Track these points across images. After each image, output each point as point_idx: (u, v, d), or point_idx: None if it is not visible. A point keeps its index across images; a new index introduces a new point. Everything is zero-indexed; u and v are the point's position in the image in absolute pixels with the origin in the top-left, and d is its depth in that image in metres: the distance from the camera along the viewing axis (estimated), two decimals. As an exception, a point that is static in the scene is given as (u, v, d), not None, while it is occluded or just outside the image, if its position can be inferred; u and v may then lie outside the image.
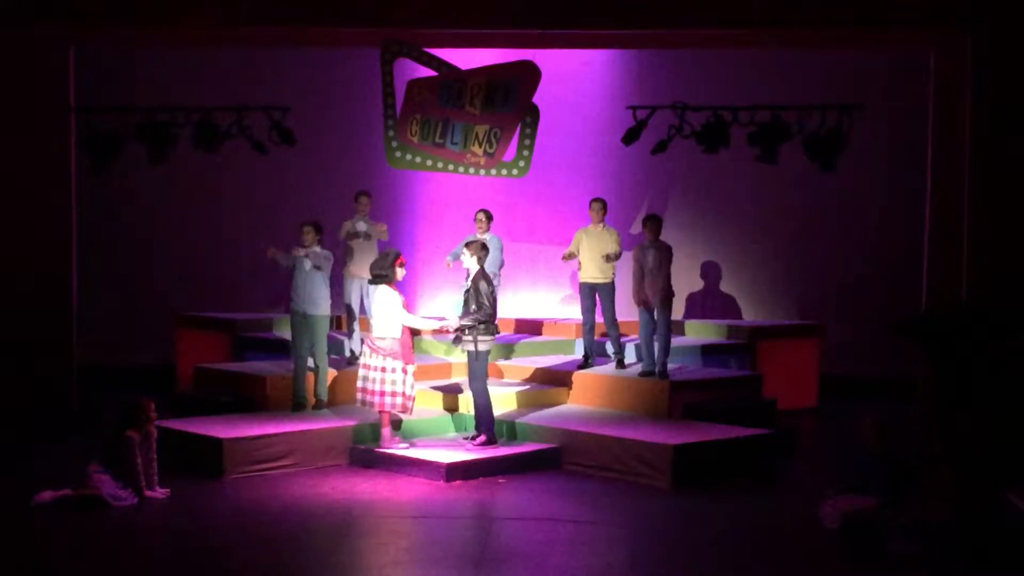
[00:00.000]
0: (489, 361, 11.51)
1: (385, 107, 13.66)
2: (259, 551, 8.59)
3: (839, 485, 9.17)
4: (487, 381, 11.31)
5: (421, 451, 11.05)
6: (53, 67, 14.29)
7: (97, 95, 14.38)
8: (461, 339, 11.04)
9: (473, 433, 11.40)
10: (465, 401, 12.01)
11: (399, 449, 11.08)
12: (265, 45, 15.07)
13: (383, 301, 11.13)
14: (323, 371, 12.31)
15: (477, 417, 11.32)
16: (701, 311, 15.56)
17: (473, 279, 11.23)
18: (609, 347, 13.30)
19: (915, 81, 14.61)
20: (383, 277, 11.14)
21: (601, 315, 13.10)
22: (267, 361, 13.49)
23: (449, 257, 13.64)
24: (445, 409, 12.34)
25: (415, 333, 13.69)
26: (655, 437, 10.90)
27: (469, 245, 11.42)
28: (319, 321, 12.30)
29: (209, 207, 15.93)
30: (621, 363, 12.99)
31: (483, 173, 13.54)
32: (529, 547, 8.64)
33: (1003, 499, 8.61)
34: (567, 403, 12.76)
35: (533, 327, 15.04)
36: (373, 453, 11.14)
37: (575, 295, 15.67)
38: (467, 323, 11.12)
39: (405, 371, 11.06)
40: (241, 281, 15.77)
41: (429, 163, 13.65)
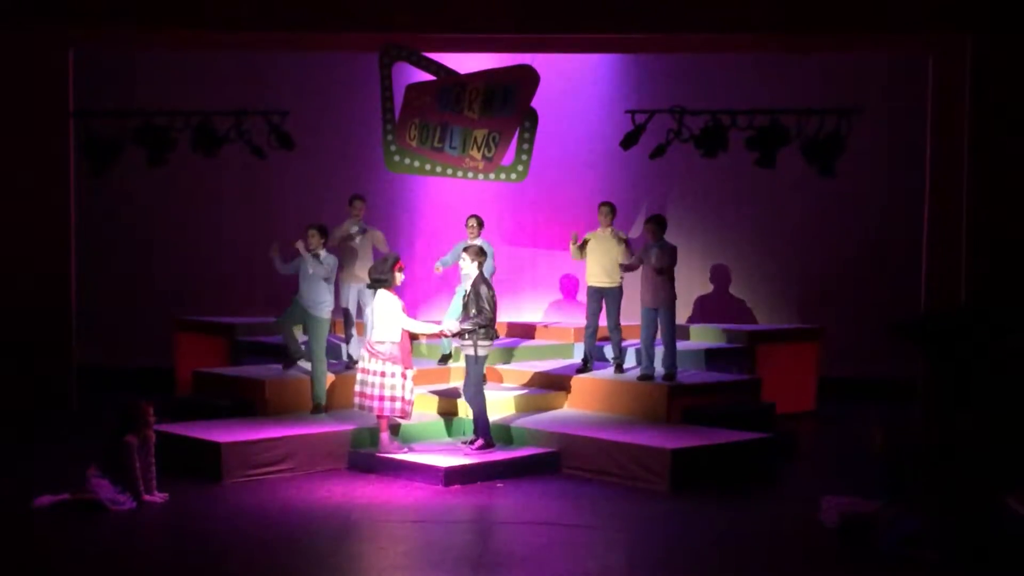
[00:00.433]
0: (488, 365, 11.49)
1: (384, 111, 13.66)
2: (258, 555, 8.59)
3: (844, 488, 9.15)
4: (484, 385, 11.30)
5: (419, 455, 11.05)
6: (52, 70, 14.31)
7: (96, 98, 14.40)
8: (447, 360, 10.97)
9: (471, 437, 11.40)
10: (463, 406, 12.01)
11: (398, 453, 11.09)
12: (264, 49, 15.09)
13: (383, 305, 11.12)
14: (320, 373, 12.30)
15: (475, 422, 11.32)
16: (700, 315, 15.57)
17: (473, 284, 11.22)
18: (608, 351, 13.30)
19: (914, 84, 14.62)
20: (383, 281, 11.13)
21: (605, 319, 13.08)
22: (266, 365, 13.49)
23: (439, 263, 13.57)
24: (443, 414, 12.33)
25: (414, 337, 13.70)
26: (654, 441, 10.90)
27: (468, 250, 11.42)
28: (318, 323, 12.30)
29: (208, 211, 15.95)
30: (620, 367, 12.98)
31: (482, 177, 13.53)
32: (527, 551, 8.64)
33: (1003, 503, 8.61)
34: (566, 407, 12.76)
35: (526, 331, 15.04)
36: (372, 457, 11.14)
37: (565, 299, 15.69)
38: (467, 327, 11.12)
39: (404, 375, 11.05)
40: (240, 285, 15.78)
41: (428, 167, 13.64)
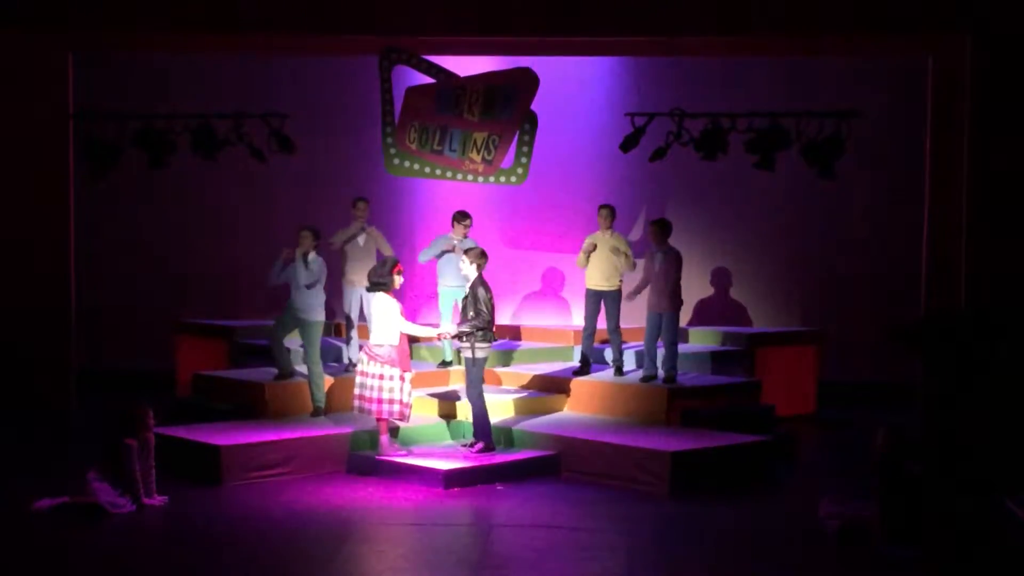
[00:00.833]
0: (487, 368, 11.49)
1: (383, 114, 13.65)
2: (257, 558, 8.58)
3: (844, 490, 9.16)
4: (483, 388, 11.31)
5: (419, 459, 11.04)
6: (52, 73, 14.32)
7: (96, 101, 14.40)
8: (448, 364, 10.95)
9: (471, 440, 11.40)
10: (462, 408, 12.00)
11: (397, 456, 11.08)
12: (264, 52, 15.09)
13: (381, 308, 11.12)
14: (318, 376, 12.28)
15: (474, 424, 11.32)
16: (699, 318, 15.57)
17: (471, 286, 11.22)
18: (608, 354, 13.30)
19: (913, 85, 14.62)
20: (381, 285, 11.14)
21: (604, 321, 13.08)
22: (266, 368, 13.48)
23: (422, 256, 13.57)
24: (442, 416, 12.33)
25: (415, 340, 13.69)
26: (653, 444, 10.90)
27: (468, 252, 11.42)
28: (312, 327, 12.29)
29: (208, 213, 15.95)
30: (620, 370, 12.98)
31: (481, 180, 13.53)
32: (527, 554, 8.64)
33: (1002, 506, 8.61)
34: (565, 410, 12.76)
35: (526, 334, 15.05)
36: (371, 460, 11.13)
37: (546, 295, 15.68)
38: (465, 330, 11.12)
39: (403, 378, 11.05)
40: (240, 288, 15.78)
41: (427, 170, 13.64)
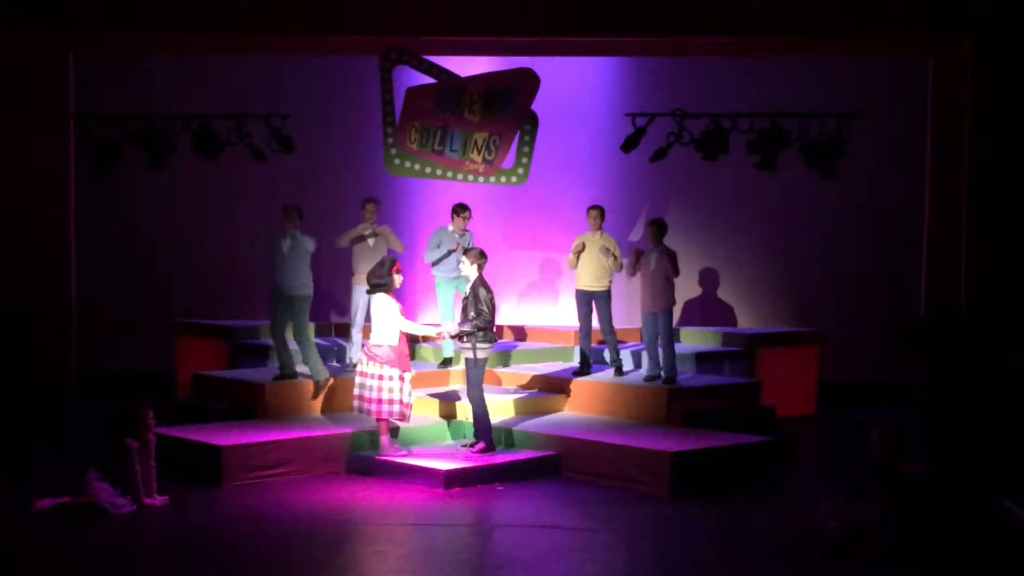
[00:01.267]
0: (488, 368, 11.49)
1: (384, 114, 13.66)
2: (257, 558, 8.58)
3: (844, 491, 9.15)
4: (484, 388, 11.32)
5: (419, 459, 11.04)
6: (53, 73, 14.32)
7: (97, 102, 14.40)
8: (448, 364, 10.95)
9: (471, 440, 11.40)
10: (462, 408, 12.00)
11: (397, 457, 11.09)
12: (265, 53, 15.10)
13: (380, 309, 11.13)
14: (313, 351, 12.46)
15: (475, 424, 11.32)
16: (700, 318, 15.57)
17: (472, 286, 11.22)
18: (607, 354, 13.30)
19: (914, 86, 14.62)
20: (381, 285, 11.14)
21: (598, 322, 13.09)
22: (266, 368, 13.49)
23: (427, 256, 13.56)
24: (442, 417, 12.33)
25: (415, 340, 13.69)
26: (653, 444, 10.90)
27: (468, 252, 11.42)
28: (303, 302, 12.46)
29: (209, 214, 15.94)
30: (619, 370, 12.99)
31: (482, 180, 13.54)
32: (528, 554, 8.64)
33: (1000, 506, 8.61)
34: (565, 410, 12.76)
35: (526, 334, 15.05)
36: (371, 461, 11.13)
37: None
38: (465, 329, 11.12)
39: (402, 379, 11.06)
40: (241, 288, 15.77)
41: (428, 170, 13.65)
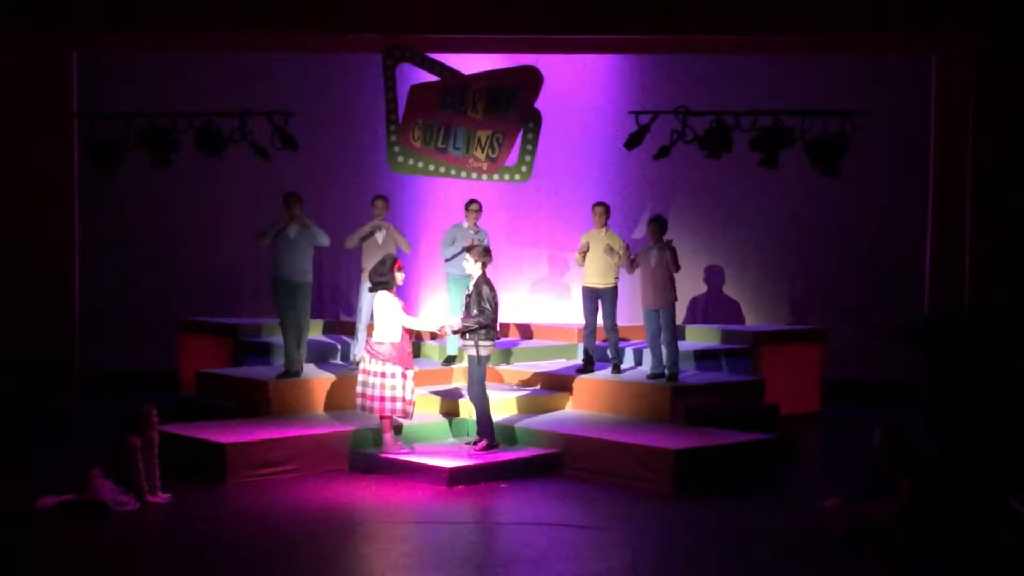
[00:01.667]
0: (490, 366, 11.49)
1: (388, 112, 13.67)
2: (261, 556, 8.59)
3: (848, 490, 9.14)
4: (485, 386, 11.31)
5: (422, 456, 11.05)
6: (56, 72, 14.33)
7: (100, 100, 14.41)
8: (452, 362, 10.95)
9: (474, 438, 11.40)
10: (465, 406, 12.00)
11: (400, 454, 11.09)
12: (268, 50, 15.10)
13: (382, 306, 11.13)
14: (304, 337, 12.66)
15: (478, 422, 11.32)
16: (704, 315, 15.57)
17: (475, 283, 11.22)
18: (608, 352, 13.29)
19: (918, 84, 14.61)
20: (383, 283, 11.15)
21: (602, 319, 13.08)
22: (269, 366, 13.49)
23: (444, 252, 13.54)
24: (445, 414, 12.34)
25: (419, 337, 13.69)
26: (657, 442, 10.89)
27: (472, 250, 11.41)
28: (303, 288, 12.59)
29: (212, 212, 15.94)
30: (617, 368, 12.97)
31: (485, 178, 13.54)
32: (531, 552, 8.64)
33: (1004, 503, 8.61)
34: (568, 408, 12.76)
35: (530, 331, 15.06)
36: (374, 458, 11.13)
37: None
38: (468, 326, 11.12)
39: (405, 376, 11.06)
40: (244, 286, 15.78)
41: (431, 168, 13.65)
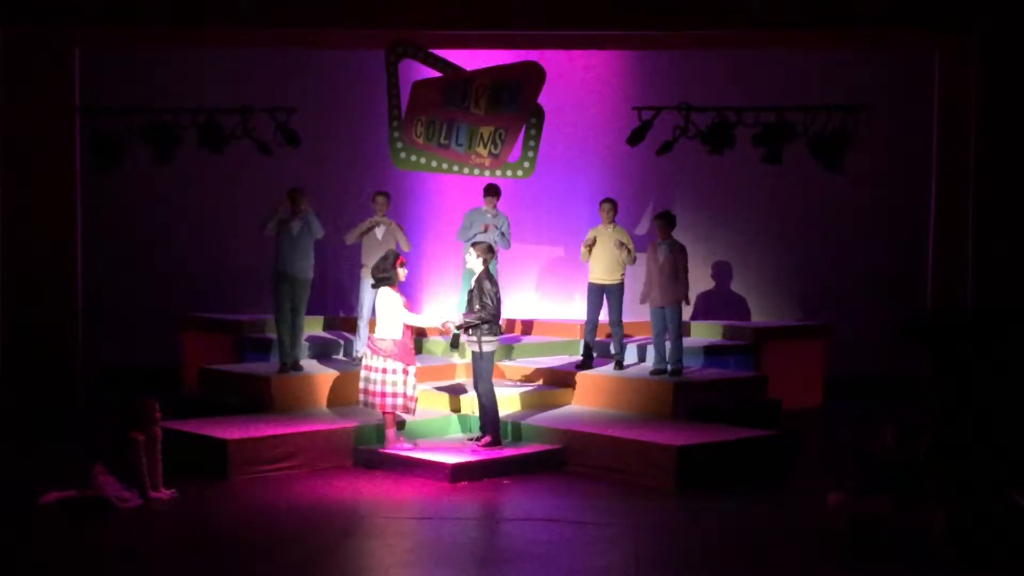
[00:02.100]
0: (494, 362, 11.49)
1: (390, 108, 13.66)
2: (264, 552, 8.59)
3: (852, 486, 9.13)
4: (492, 382, 11.31)
5: (425, 452, 11.05)
6: (59, 67, 14.34)
7: (102, 95, 14.40)
8: (457, 344, 10.97)
9: (477, 434, 11.39)
10: (468, 402, 12.00)
11: (403, 450, 11.09)
12: (271, 46, 15.09)
13: (384, 302, 11.13)
14: (300, 331, 12.74)
15: (482, 418, 11.32)
16: (705, 312, 15.56)
17: (477, 279, 11.21)
18: (612, 348, 13.29)
19: (921, 81, 14.60)
20: (385, 279, 11.15)
21: (607, 315, 13.08)
22: (272, 362, 13.49)
23: (460, 235, 13.56)
24: (448, 410, 12.33)
25: (421, 333, 13.68)
26: (659, 438, 10.89)
27: (476, 246, 11.41)
28: (305, 284, 12.66)
29: (215, 208, 15.92)
30: (620, 364, 12.97)
31: (488, 174, 13.53)
32: (534, 548, 8.64)
33: (1008, 500, 8.59)
34: (571, 404, 12.76)
35: (532, 327, 15.06)
36: (377, 454, 11.14)
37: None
38: (470, 321, 11.11)
39: (406, 372, 11.06)
40: (247, 282, 15.76)
41: (434, 164, 13.65)
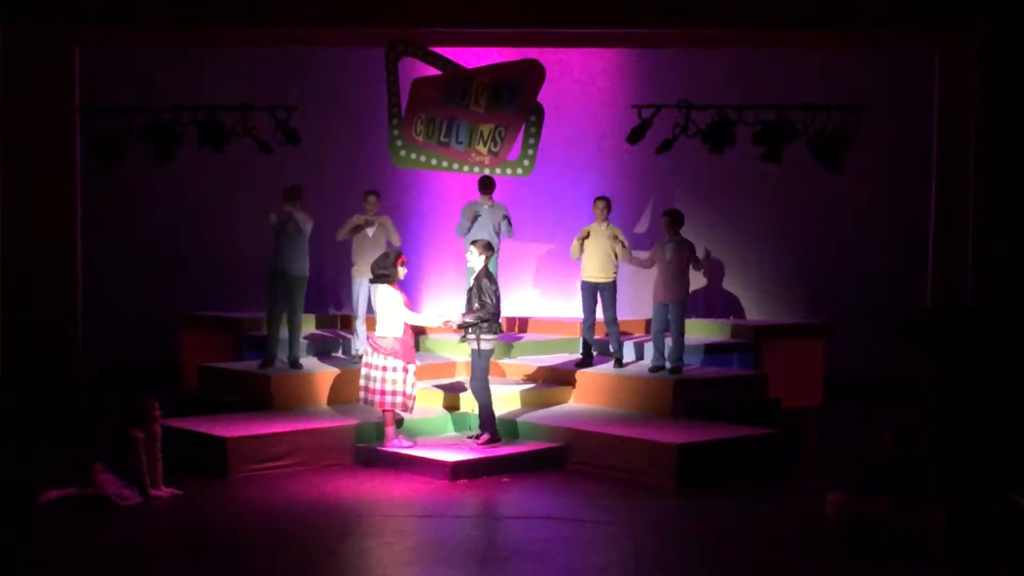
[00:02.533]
0: (493, 360, 11.49)
1: (390, 106, 13.67)
2: (264, 549, 8.59)
3: (852, 485, 9.13)
4: (488, 380, 11.32)
5: (425, 450, 11.05)
6: (59, 66, 14.34)
7: (102, 94, 14.40)
8: (466, 336, 11.00)
9: (477, 432, 11.40)
10: (467, 400, 12.01)
11: (403, 448, 11.10)
12: (270, 44, 15.09)
13: (384, 300, 11.14)
14: (297, 329, 12.73)
15: (480, 416, 11.32)
16: (704, 310, 15.56)
17: (476, 277, 11.22)
18: (611, 346, 13.29)
19: (921, 81, 14.60)
20: (385, 276, 11.15)
21: (602, 313, 13.09)
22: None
23: (459, 231, 13.57)
24: (447, 408, 12.34)
25: (420, 332, 13.69)
26: (659, 436, 10.89)
27: (476, 243, 11.41)
28: (297, 282, 12.64)
29: (214, 206, 15.92)
30: (619, 362, 12.98)
31: (488, 172, 13.54)
32: (533, 546, 8.64)
33: (1008, 500, 8.60)
34: (571, 402, 12.77)
35: (531, 326, 15.07)
36: (377, 452, 11.14)
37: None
38: (469, 320, 11.11)
39: (406, 370, 11.06)
40: (247, 280, 15.76)
41: (434, 162, 13.66)
